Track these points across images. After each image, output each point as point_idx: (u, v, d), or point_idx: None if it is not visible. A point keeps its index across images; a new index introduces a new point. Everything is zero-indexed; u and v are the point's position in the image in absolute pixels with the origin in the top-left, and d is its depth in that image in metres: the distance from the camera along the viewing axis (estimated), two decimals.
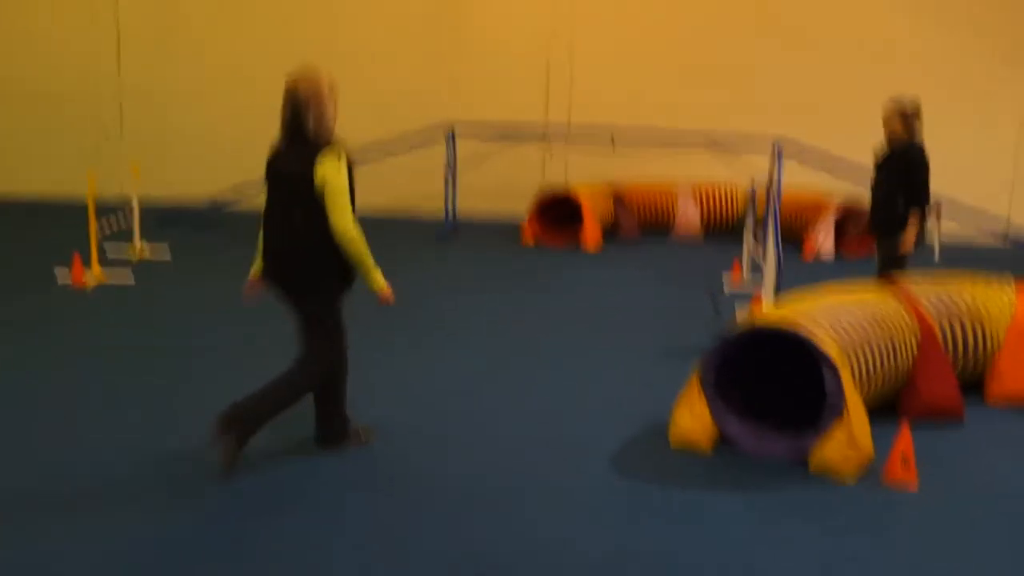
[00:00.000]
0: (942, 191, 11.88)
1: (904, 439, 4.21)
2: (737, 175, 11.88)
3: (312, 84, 4.00)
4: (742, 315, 7.26)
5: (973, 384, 5.44)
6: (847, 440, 4.17)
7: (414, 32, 13.11)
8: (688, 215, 12.12)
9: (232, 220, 11.21)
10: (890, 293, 5.23)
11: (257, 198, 5.30)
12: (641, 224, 11.93)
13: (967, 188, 11.98)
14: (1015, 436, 5.00)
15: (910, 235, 6.45)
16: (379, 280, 4.13)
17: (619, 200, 11.89)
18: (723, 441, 4.53)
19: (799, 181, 11.90)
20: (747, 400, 4.58)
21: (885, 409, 4.93)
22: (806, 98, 12.27)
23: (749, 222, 9.02)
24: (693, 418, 4.51)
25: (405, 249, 10.21)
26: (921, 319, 5.10)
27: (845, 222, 11.01)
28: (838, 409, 4.18)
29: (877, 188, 6.41)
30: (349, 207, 3.98)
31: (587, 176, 12.52)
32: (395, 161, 12.05)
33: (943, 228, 11.15)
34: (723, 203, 12.21)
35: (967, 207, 11.71)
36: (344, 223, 3.97)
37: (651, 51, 12.77)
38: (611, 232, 11.67)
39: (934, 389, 5.00)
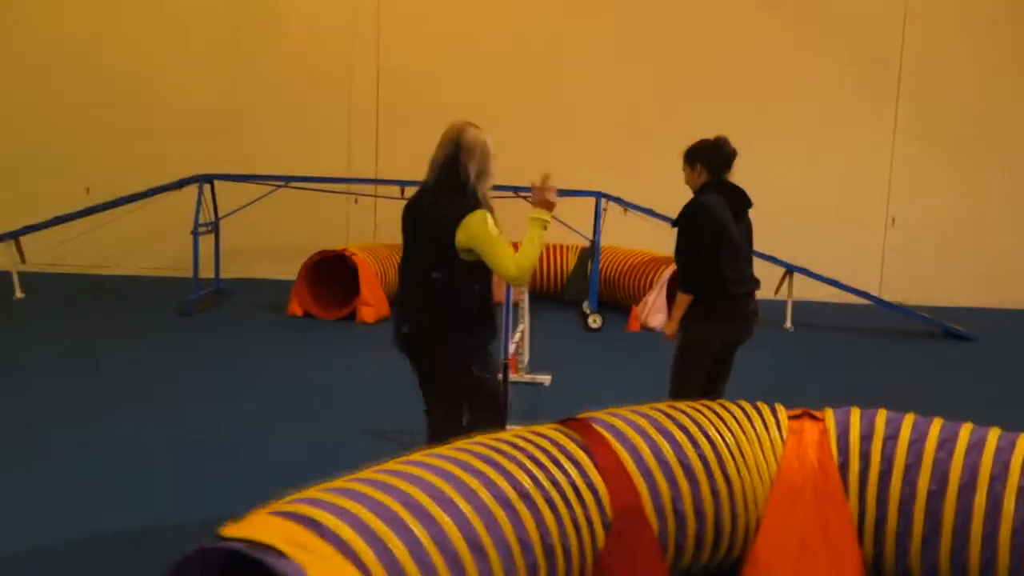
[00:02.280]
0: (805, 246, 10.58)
1: None
2: (569, 234, 9.92)
3: (480, 136, 3.72)
4: None
5: None
6: None
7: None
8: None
9: None
10: (572, 442, 3.18)
11: None
12: None
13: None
14: None
15: (670, 324, 4.49)
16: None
17: None
18: None
19: (630, 240, 10.10)
20: None
21: None
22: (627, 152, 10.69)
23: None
24: None
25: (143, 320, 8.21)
26: (619, 490, 3.05)
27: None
28: None
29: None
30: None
31: (397, 235, 10.46)
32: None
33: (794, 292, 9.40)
34: (553, 264, 10.36)
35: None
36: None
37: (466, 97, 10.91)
38: None
39: None
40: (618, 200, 9.24)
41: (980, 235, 11.59)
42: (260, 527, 2.33)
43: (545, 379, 6.64)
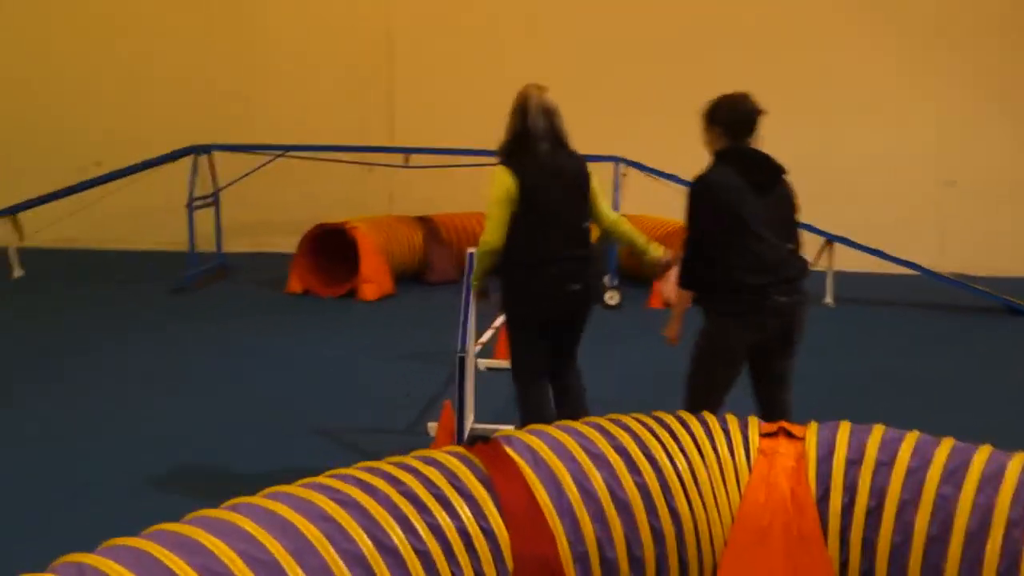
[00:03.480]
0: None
1: None
2: None
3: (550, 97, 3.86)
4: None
5: None
6: None
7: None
8: None
9: None
10: (472, 474, 2.58)
11: None
12: (461, 263, 9.28)
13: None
14: None
15: (671, 325, 3.81)
16: None
17: (432, 234, 9.29)
18: None
19: (660, 208, 9.35)
20: None
21: None
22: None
23: None
24: None
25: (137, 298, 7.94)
26: (526, 537, 2.45)
27: None
28: None
29: None
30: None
31: (418, 204, 9.96)
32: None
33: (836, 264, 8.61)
34: None
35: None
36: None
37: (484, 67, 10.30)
38: (420, 274, 9.14)
39: None
40: (638, 165, 8.51)
41: None
42: None
43: None
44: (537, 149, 3.80)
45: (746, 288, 3.59)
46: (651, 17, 10.54)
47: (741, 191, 3.61)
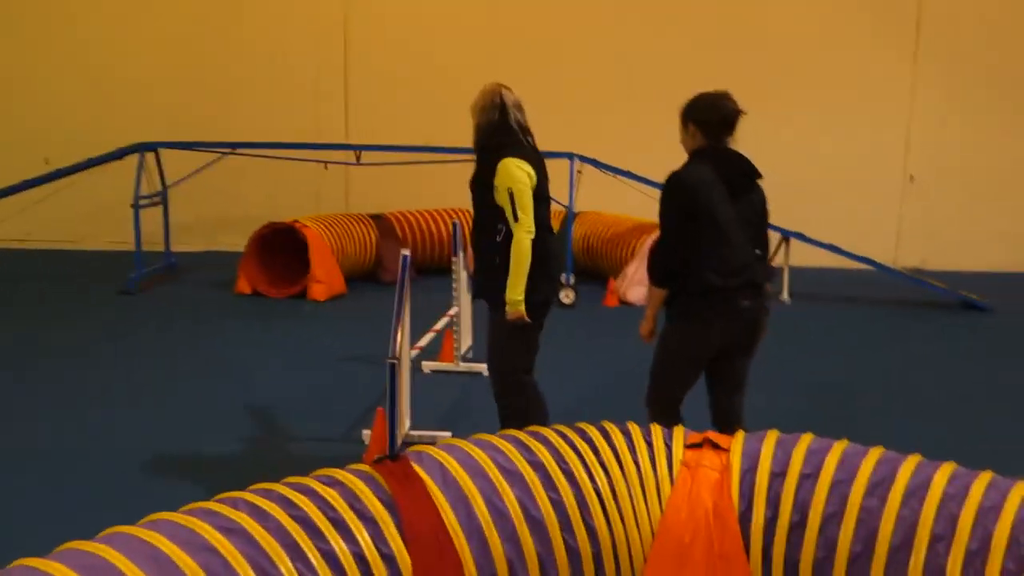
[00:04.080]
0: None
1: None
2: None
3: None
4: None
5: None
6: None
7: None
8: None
9: None
10: (375, 495, 2.44)
11: None
12: (419, 262, 9.16)
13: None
14: None
15: (645, 323, 3.76)
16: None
17: (387, 233, 9.13)
18: None
19: (616, 205, 9.28)
20: None
21: None
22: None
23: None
24: None
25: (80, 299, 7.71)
26: (429, 561, 2.32)
27: None
28: None
29: None
30: None
31: (373, 202, 9.81)
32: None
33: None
34: None
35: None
36: None
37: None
38: (373, 273, 9.01)
39: None
40: (592, 161, 8.40)
41: (1007, 193, 10.57)
42: None
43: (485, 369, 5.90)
44: (526, 142, 3.81)
45: (713, 290, 3.52)
46: (610, 12, 10.45)
47: (715, 191, 3.52)
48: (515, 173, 3.68)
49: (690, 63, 10.18)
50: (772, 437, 2.76)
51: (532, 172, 3.74)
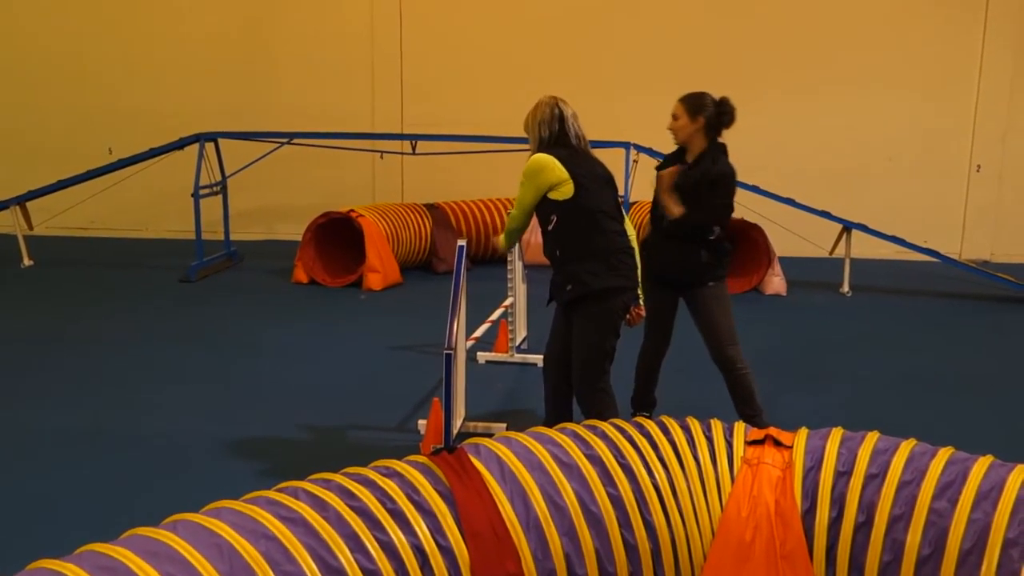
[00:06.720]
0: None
1: None
2: None
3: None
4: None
5: None
6: None
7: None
8: (537, 239, 9.29)
9: None
10: (433, 487, 2.44)
11: None
12: (473, 252, 9.16)
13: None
14: None
15: (677, 205, 4.23)
16: None
17: (441, 223, 9.14)
18: None
19: None
20: None
21: None
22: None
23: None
24: None
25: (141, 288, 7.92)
26: (487, 554, 2.31)
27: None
28: None
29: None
30: None
31: (429, 192, 9.84)
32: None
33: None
34: None
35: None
36: None
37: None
38: (428, 263, 9.04)
39: None
40: (650, 151, 8.31)
41: None
42: None
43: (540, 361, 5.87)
44: (581, 149, 3.90)
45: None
46: (662, 3, 10.31)
47: None
48: (531, 166, 3.80)
49: (747, 51, 10.03)
50: (837, 435, 2.70)
51: (560, 168, 3.76)
